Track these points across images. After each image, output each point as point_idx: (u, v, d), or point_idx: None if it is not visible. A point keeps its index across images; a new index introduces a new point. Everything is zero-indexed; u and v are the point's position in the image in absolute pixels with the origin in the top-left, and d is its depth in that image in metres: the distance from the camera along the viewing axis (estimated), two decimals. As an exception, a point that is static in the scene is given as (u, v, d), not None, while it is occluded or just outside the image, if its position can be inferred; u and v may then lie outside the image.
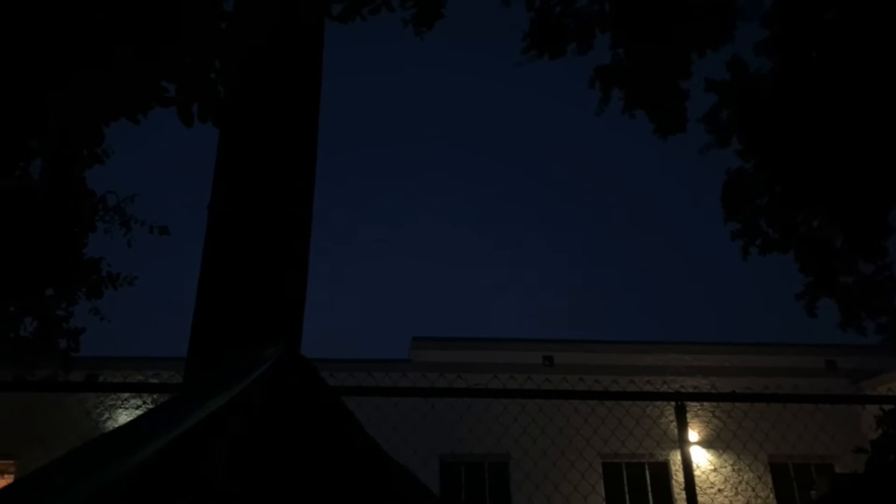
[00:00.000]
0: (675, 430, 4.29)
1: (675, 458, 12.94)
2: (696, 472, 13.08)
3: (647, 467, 13.82)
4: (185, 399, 1.79)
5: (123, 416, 10.73)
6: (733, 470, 13.69)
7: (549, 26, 8.17)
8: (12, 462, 11.58)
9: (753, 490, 13.41)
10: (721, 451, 13.61)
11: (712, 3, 7.65)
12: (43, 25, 3.19)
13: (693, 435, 13.55)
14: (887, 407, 7.17)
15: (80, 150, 3.92)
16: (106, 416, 10.40)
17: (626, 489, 13.81)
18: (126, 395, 9.69)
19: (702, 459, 13.69)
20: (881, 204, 7.24)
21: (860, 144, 6.97)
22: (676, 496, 13.49)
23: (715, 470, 13.79)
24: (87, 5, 3.15)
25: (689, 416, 4.34)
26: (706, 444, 13.67)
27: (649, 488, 13.86)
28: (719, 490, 13.60)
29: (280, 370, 1.83)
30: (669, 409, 4.37)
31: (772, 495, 13.75)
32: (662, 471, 13.78)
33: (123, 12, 2.89)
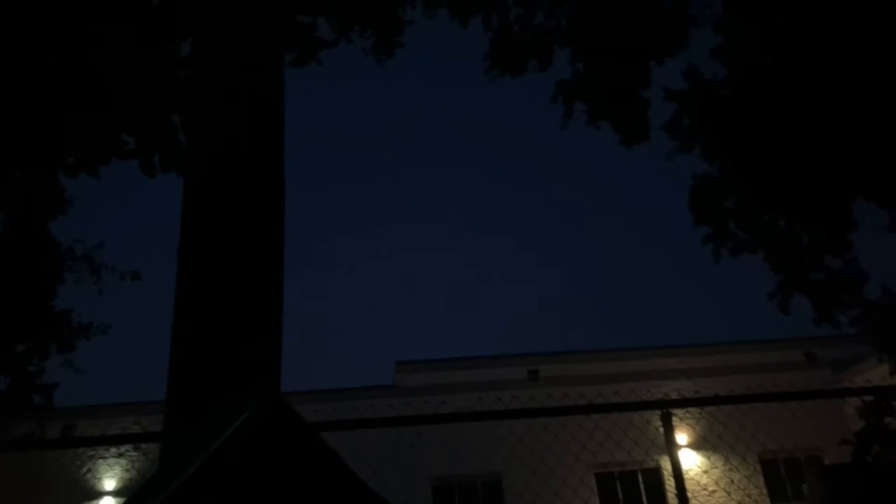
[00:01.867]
0: (663, 436, 4.31)
1: (667, 463, 12.95)
2: (688, 476, 13.09)
3: (639, 474, 13.83)
4: (167, 466, 1.77)
5: (103, 468, 10.47)
6: (724, 471, 13.74)
7: (508, 45, 8.29)
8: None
9: (744, 489, 13.46)
10: (710, 453, 13.67)
11: (665, 12, 7.81)
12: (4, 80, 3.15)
13: (681, 438, 13.60)
14: (867, 398, 7.26)
15: (40, 203, 3.87)
16: (85, 468, 10.14)
17: (621, 497, 13.80)
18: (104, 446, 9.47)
19: (692, 462, 13.73)
20: (843, 199, 7.39)
21: (820, 142, 7.13)
22: (671, 501, 13.50)
23: (706, 472, 13.83)
24: (41, 55, 3.12)
25: (675, 420, 4.36)
26: (695, 446, 13.72)
27: (643, 495, 13.86)
28: (712, 492, 13.63)
29: (258, 420, 1.81)
30: (656, 416, 4.40)
31: (765, 492, 13.81)
32: (655, 476, 13.79)
33: (78, 66, 2.86)
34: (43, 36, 2.93)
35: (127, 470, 11.04)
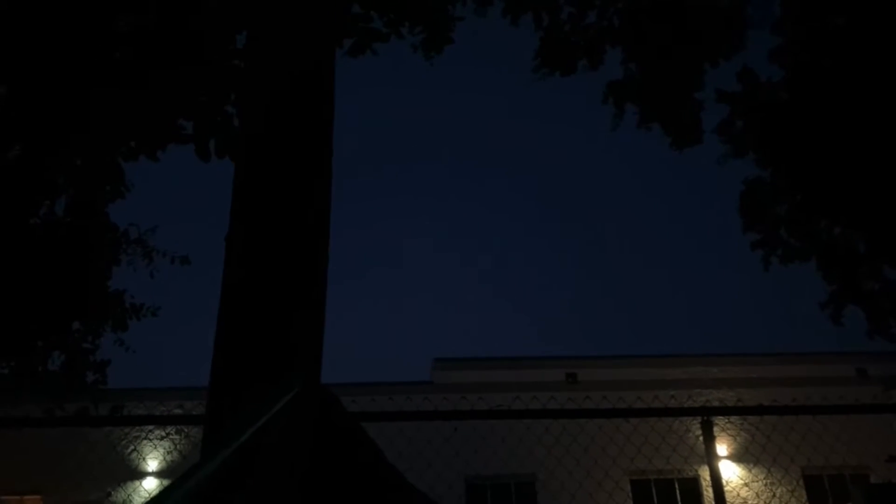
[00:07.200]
0: (703, 445, 4.23)
1: (705, 473, 12.68)
2: (727, 488, 12.78)
3: (676, 483, 13.59)
4: (212, 441, 1.82)
5: (148, 448, 10.79)
6: (765, 484, 13.40)
7: (558, 44, 8.23)
8: (39, 497, 11.65)
9: (786, 504, 13.10)
10: (751, 465, 13.34)
11: (722, 13, 7.65)
12: (66, 66, 3.28)
13: (722, 449, 13.29)
14: (921, 415, 7.00)
15: (101, 186, 4.03)
16: (131, 448, 10.46)
17: (657, 506, 13.60)
18: (150, 426, 9.76)
19: (732, 474, 13.41)
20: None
21: (880, 147, 6.89)
22: (708, 512, 13.24)
23: (746, 484, 13.51)
24: (110, 42, 3.23)
25: (716, 430, 4.28)
26: (736, 458, 13.41)
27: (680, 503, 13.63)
28: (752, 505, 13.31)
29: (300, 403, 1.85)
30: (696, 424, 4.32)
31: (807, 509, 13.43)
32: (692, 486, 13.54)
33: (146, 51, 2.97)
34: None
35: (170, 452, 11.36)
